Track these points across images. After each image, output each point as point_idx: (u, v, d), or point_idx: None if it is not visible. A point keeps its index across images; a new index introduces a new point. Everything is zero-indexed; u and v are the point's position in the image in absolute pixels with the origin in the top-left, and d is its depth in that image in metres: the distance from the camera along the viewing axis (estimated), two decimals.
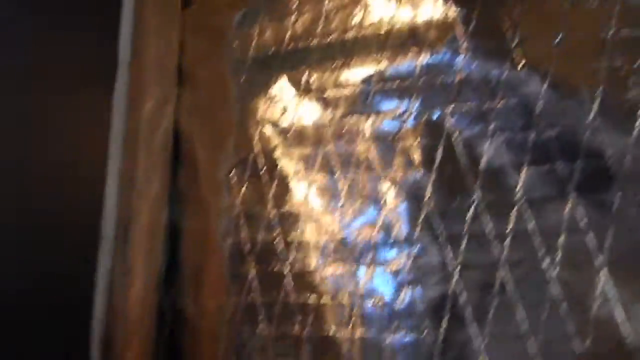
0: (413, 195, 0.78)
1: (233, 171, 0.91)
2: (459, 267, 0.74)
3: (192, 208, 0.94)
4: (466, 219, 0.74)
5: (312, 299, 0.81)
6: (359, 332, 0.78)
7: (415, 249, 0.77)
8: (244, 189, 0.90)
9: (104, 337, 0.89)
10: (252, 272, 0.86)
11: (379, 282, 0.78)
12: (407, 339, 0.75)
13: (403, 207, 0.79)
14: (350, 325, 0.79)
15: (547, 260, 0.70)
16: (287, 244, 0.85)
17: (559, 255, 0.70)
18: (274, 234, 0.86)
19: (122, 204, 0.93)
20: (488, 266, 0.72)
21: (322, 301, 0.81)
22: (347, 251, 0.81)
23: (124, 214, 0.93)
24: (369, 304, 0.78)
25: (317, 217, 0.84)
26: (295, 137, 0.88)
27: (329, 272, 0.82)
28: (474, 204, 0.75)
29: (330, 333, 0.79)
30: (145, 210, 0.93)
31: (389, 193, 0.80)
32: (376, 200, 0.80)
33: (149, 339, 0.90)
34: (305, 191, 0.86)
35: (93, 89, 0.96)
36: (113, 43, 0.98)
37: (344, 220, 0.82)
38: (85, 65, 0.93)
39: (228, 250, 0.89)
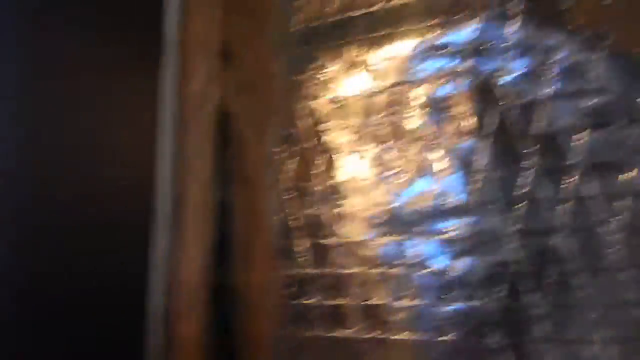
0: (467, 163, 0.77)
1: (280, 147, 0.91)
2: (516, 235, 0.73)
3: (240, 185, 0.95)
4: (523, 185, 0.73)
5: (362, 270, 0.81)
6: (412, 302, 0.78)
7: (470, 218, 0.76)
8: (291, 163, 0.90)
9: (161, 312, 0.91)
10: (301, 246, 0.86)
11: (433, 252, 0.78)
12: (463, 308, 0.74)
13: (457, 175, 0.78)
14: (404, 295, 0.78)
15: (606, 226, 0.69)
16: (337, 217, 0.85)
17: (618, 220, 0.68)
18: (323, 207, 0.86)
19: (173, 183, 0.95)
20: (546, 233, 0.71)
21: (373, 272, 0.81)
22: (398, 222, 0.81)
23: (176, 192, 0.94)
24: (422, 273, 0.78)
25: (367, 188, 0.84)
26: (343, 109, 0.87)
27: (380, 243, 0.81)
28: (531, 170, 0.73)
29: (382, 304, 0.79)
30: (195, 188, 0.95)
31: (442, 161, 0.79)
32: (428, 169, 0.79)
33: (204, 313, 0.91)
34: (354, 163, 0.85)
35: (141, 70, 0.97)
36: (159, 25, 0.99)
37: (395, 191, 0.82)
38: (133, 47, 0.94)
39: (276, 225, 0.89)
